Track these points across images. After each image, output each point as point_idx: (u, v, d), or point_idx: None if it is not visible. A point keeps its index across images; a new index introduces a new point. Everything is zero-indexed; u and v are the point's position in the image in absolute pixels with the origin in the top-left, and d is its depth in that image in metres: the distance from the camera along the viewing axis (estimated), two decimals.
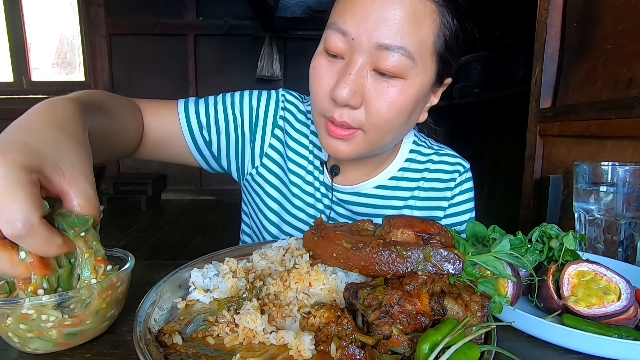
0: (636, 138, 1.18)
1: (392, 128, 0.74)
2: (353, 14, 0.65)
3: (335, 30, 0.67)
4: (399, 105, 0.69)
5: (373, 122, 0.71)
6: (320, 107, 0.73)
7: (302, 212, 0.96)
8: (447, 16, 0.68)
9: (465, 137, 4.16)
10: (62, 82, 5.70)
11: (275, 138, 0.94)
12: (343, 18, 0.67)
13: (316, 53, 0.73)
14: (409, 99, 0.70)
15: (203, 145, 0.91)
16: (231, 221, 4.81)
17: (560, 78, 1.59)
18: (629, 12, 1.25)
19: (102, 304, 0.50)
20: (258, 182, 0.96)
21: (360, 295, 0.50)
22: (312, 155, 0.95)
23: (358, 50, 0.66)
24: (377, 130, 0.72)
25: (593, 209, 0.94)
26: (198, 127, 0.89)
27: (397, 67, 0.66)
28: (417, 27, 0.65)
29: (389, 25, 0.64)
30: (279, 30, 5.60)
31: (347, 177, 0.93)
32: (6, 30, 5.48)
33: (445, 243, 0.56)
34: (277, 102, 0.94)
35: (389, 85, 0.68)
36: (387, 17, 0.64)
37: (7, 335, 0.48)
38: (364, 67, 0.67)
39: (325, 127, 0.74)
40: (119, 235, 4.08)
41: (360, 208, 0.95)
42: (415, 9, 0.65)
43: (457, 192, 0.97)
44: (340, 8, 0.68)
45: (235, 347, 0.50)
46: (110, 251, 0.62)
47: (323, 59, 0.71)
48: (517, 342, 0.56)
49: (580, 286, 0.62)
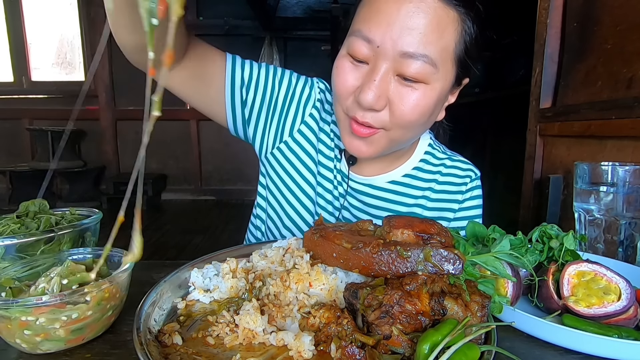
0: (636, 138, 1.17)
1: (414, 128, 0.78)
2: (379, 22, 0.68)
3: (360, 37, 0.70)
4: (422, 107, 0.73)
5: (396, 123, 0.74)
6: (343, 105, 0.77)
7: (322, 199, 0.97)
8: (468, 22, 0.71)
9: (465, 137, 4.16)
10: (62, 82, 5.70)
11: (312, 118, 0.96)
12: (368, 26, 0.69)
13: (340, 55, 0.76)
14: (430, 102, 0.73)
15: (239, 102, 0.90)
16: (231, 221, 4.81)
17: (560, 78, 1.59)
18: (629, 12, 1.25)
19: (104, 293, 0.51)
20: (288, 158, 0.97)
21: (360, 295, 0.50)
22: (334, 143, 0.98)
23: (383, 57, 0.69)
24: (400, 129, 0.76)
25: (593, 209, 0.94)
26: (240, 83, 0.89)
27: (420, 73, 0.69)
28: (440, 35, 0.68)
29: (413, 34, 0.66)
30: (279, 30, 5.59)
31: (362, 169, 0.95)
32: (6, 30, 5.48)
33: (445, 243, 0.56)
34: (312, 87, 0.96)
35: (412, 89, 0.71)
36: (411, 25, 0.66)
37: (15, 342, 0.49)
38: (387, 72, 0.70)
39: (349, 125, 0.77)
40: (119, 235, 4.07)
41: (373, 200, 0.97)
42: (439, 18, 0.67)
43: (468, 197, 1.00)
44: (365, 15, 0.70)
45: (235, 347, 0.50)
46: (110, 251, 0.62)
47: (347, 62, 0.74)
48: (517, 342, 0.56)
49: (580, 286, 0.62)
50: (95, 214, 0.79)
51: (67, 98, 5.61)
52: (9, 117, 5.48)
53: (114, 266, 0.61)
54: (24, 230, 0.71)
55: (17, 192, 4.98)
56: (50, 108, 5.54)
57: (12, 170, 4.98)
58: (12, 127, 5.52)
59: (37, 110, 5.53)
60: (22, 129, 5.43)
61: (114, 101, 5.68)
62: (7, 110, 5.47)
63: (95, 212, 0.80)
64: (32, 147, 5.51)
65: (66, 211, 0.82)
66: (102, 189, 5.67)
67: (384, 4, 0.68)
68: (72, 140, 5.44)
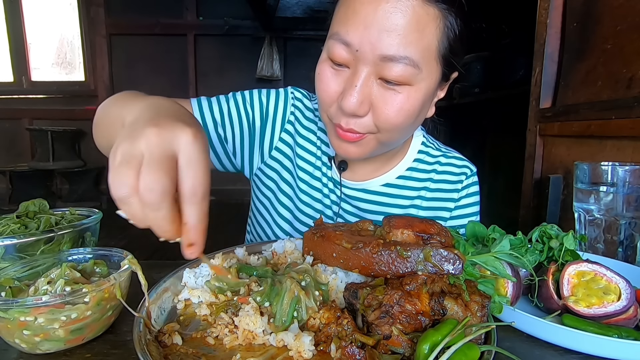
0: (636, 138, 1.17)
1: (402, 130, 0.75)
2: (355, 25, 0.65)
3: (339, 40, 0.67)
4: (407, 110, 0.70)
5: (382, 127, 0.72)
6: (328, 112, 0.75)
7: (310, 208, 0.97)
8: (450, 18, 0.68)
9: (465, 137, 4.16)
10: (62, 82, 5.69)
11: (286, 133, 0.95)
12: (345, 29, 0.66)
13: (321, 60, 0.74)
14: (416, 103, 0.70)
15: (217, 142, 0.91)
16: (231, 221, 4.79)
17: (560, 78, 1.59)
18: (629, 12, 1.24)
19: (104, 293, 0.52)
20: (269, 176, 0.98)
21: (360, 295, 0.50)
22: (320, 151, 0.96)
23: (362, 61, 0.66)
24: (387, 132, 0.74)
25: (593, 209, 0.94)
26: (213, 125, 0.89)
27: (403, 76, 0.66)
28: (421, 34, 0.65)
29: (392, 36, 0.63)
30: (279, 30, 5.59)
31: (355, 173, 0.94)
32: (6, 30, 5.47)
33: (445, 243, 0.56)
34: (286, 99, 0.95)
35: (395, 92, 0.68)
36: (389, 27, 0.63)
37: (15, 342, 0.49)
38: (369, 77, 0.67)
39: (334, 130, 0.76)
40: (119, 235, 4.07)
41: (368, 205, 0.95)
42: (418, 17, 0.64)
43: (464, 195, 0.98)
44: (342, 17, 0.68)
45: (235, 347, 0.50)
46: (110, 251, 0.62)
47: (328, 67, 0.72)
48: (517, 342, 0.56)
49: (580, 286, 0.62)
50: (95, 214, 0.79)
51: (67, 98, 5.61)
52: (9, 117, 5.47)
53: (114, 266, 0.61)
54: (23, 230, 0.71)
55: (17, 192, 4.97)
56: (50, 108, 5.53)
57: (12, 170, 4.97)
58: (12, 127, 5.51)
59: (37, 110, 5.52)
60: (22, 129, 5.42)
61: None
62: (7, 110, 5.47)
63: (95, 212, 0.81)
64: (32, 147, 5.50)
65: (66, 211, 0.82)
66: (102, 189, 5.67)
67: (360, 4, 0.64)
68: (72, 140, 5.44)
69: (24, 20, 5.52)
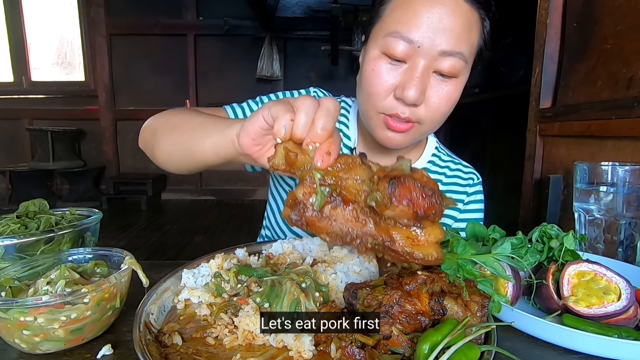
0: (636, 138, 1.17)
1: (442, 120, 0.85)
2: (418, 24, 0.74)
3: (400, 38, 0.75)
4: (454, 99, 0.81)
5: (431, 116, 0.81)
6: (379, 105, 0.81)
7: None
8: (486, 22, 0.80)
9: (465, 137, 4.16)
10: (62, 82, 5.70)
11: None
12: (408, 27, 0.75)
13: (373, 57, 0.80)
14: (459, 93, 0.82)
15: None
16: (231, 221, 4.80)
17: (560, 78, 1.59)
18: (629, 12, 1.24)
19: (104, 294, 0.51)
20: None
21: (360, 295, 0.50)
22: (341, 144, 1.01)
23: (422, 56, 0.75)
24: (432, 121, 0.82)
25: (593, 209, 0.94)
26: None
27: (455, 68, 0.76)
28: (469, 34, 0.76)
29: (450, 34, 0.74)
30: (279, 30, 5.59)
31: None
32: (6, 30, 5.48)
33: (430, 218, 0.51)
34: None
35: (446, 84, 0.79)
36: (447, 26, 0.74)
37: (15, 342, 0.49)
38: (426, 69, 0.76)
39: (384, 122, 0.82)
40: (119, 235, 4.07)
41: None
42: (468, 20, 0.76)
43: (472, 200, 1.04)
44: (402, 18, 0.76)
45: (235, 347, 0.50)
46: (110, 251, 0.62)
47: (384, 63, 0.79)
48: (517, 342, 0.56)
49: (580, 286, 0.62)
50: (95, 214, 0.80)
51: (67, 98, 5.61)
52: (9, 117, 5.48)
53: (114, 266, 0.61)
54: (24, 231, 0.71)
55: (17, 192, 4.98)
56: (50, 108, 5.54)
57: (12, 170, 4.97)
58: (12, 127, 5.52)
59: (37, 110, 5.53)
60: (22, 129, 5.43)
61: (114, 101, 5.68)
62: (7, 110, 5.47)
63: (95, 212, 0.81)
64: (32, 147, 5.51)
65: (66, 211, 0.82)
66: (102, 189, 5.67)
67: (420, 6, 0.74)
68: (72, 140, 5.44)
69: (24, 20, 5.52)
